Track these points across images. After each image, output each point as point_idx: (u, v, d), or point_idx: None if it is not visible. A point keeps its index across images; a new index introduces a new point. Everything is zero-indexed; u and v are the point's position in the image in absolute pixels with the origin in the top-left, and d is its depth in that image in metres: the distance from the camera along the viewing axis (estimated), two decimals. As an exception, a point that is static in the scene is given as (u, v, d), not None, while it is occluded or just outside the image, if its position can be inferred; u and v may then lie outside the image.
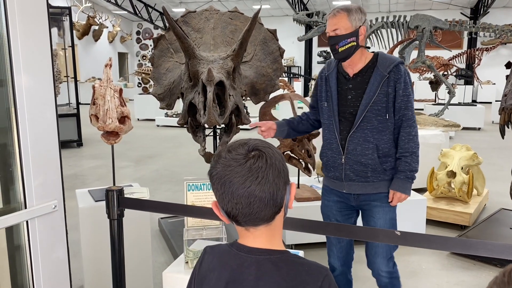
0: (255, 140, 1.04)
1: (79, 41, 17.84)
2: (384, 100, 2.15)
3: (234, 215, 1.01)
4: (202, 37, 3.94)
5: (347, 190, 2.29)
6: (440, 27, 9.05)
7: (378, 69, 2.16)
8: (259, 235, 1.03)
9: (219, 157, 1.03)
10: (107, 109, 2.64)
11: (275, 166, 0.99)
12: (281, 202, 1.01)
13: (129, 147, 8.52)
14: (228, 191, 0.98)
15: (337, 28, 2.16)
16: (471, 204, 4.26)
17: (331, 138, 2.28)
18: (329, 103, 2.29)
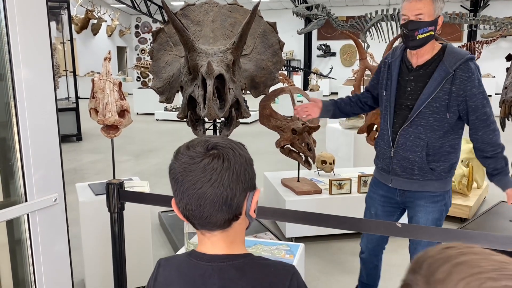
0: (218, 138, 0.96)
1: (77, 35, 17.75)
2: (445, 98, 2.04)
3: (186, 216, 0.96)
4: (201, 30, 3.93)
5: (393, 184, 2.24)
6: (440, 19, 9.01)
7: (444, 64, 2.04)
8: (216, 241, 0.97)
9: (178, 152, 0.96)
10: (106, 102, 2.63)
11: (233, 169, 0.91)
12: (238, 209, 0.94)
13: (129, 141, 8.51)
14: (179, 190, 0.93)
15: (421, 13, 2.00)
16: (471, 197, 4.27)
17: (384, 128, 2.23)
18: (387, 92, 2.22)
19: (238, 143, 0.99)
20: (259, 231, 3.62)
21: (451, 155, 2.18)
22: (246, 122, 9.81)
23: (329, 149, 5.56)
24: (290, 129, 3.76)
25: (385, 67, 2.26)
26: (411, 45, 2.06)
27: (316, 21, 9.55)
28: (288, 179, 4.09)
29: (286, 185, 3.97)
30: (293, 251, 1.92)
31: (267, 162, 6.06)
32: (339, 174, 4.31)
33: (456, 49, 2.11)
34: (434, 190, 2.19)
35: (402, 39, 2.12)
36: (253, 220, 1.03)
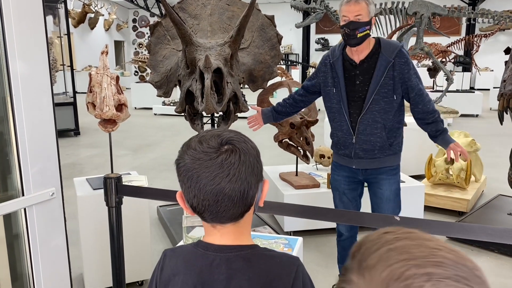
0: (230, 132, 0.96)
1: (74, 29, 17.66)
2: (390, 83, 2.35)
3: (199, 211, 0.94)
4: (199, 23, 3.90)
5: (356, 166, 2.52)
6: (439, 13, 8.99)
7: (383, 55, 2.34)
8: (226, 232, 0.97)
9: (188, 147, 0.95)
10: (104, 96, 2.62)
11: (248, 163, 0.92)
12: (252, 201, 0.95)
13: (127, 135, 8.49)
14: (195, 186, 0.91)
15: (360, 14, 2.29)
16: (469, 190, 4.27)
17: (341, 120, 2.48)
18: (337, 88, 2.46)
19: (244, 136, 0.99)
20: (258, 225, 3.63)
21: (400, 130, 2.53)
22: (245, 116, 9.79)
23: (328, 143, 5.55)
24: (288, 123, 3.75)
25: (327, 67, 2.53)
26: (353, 43, 2.34)
27: (314, 14, 9.49)
28: (286, 173, 4.09)
29: (285, 179, 3.96)
30: (292, 245, 1.92)
31: (265, 156, 6.06)
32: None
33: (388, 40, 2.44)
34: (391, 164, 2.54)
35: (344, 38, 2.38)
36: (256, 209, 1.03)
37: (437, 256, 0.55)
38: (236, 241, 0.97)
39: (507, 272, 3.17)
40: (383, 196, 2.57)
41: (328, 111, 2.59)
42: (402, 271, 0.53)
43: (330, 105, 2.54)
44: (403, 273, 0.53)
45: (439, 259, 0.55)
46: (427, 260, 0.55)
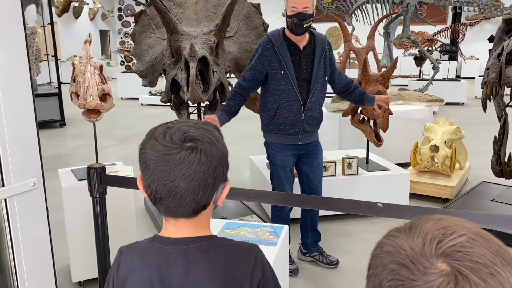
0: (197, 129, 0.93)
1: (58, 18, 17.34)
2: (323, 66, 2.83)
3: (153, 201, 0.94)
4: (184, 12, 3.86)
5: (301, 141, 2.85)
6: (425, 1, 9.02)
7: (319, 43, 2.81)
8: (181, 226, 0.96)
9: (152, 136, 0.93)
10: (87, 86, 2.58)
11: (208, 165, 0.90)
12: (207, 201, 0.94)
13: (113, 126, 8.41)
14: (149, 177, 0.91)
15: (307, 7, 2.65)
16: (453, 177, 4.33)
17: (291, 101, 2.77)
18: (285, 71, 2.74)
19: (216, 133, 0.97)
20: (245, 214, 3.63)
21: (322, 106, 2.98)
22: (232, 106, 9.75)
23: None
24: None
25: (270, 51, 2.76)
26: (299, 32, 2.70)
27: (301, 3, 9.45)
28: (273, 162, 4.09)
29: (272, 168, 3.97)
30: (277, 233, 1.93)
31: (253, 145, 6.04)
32: (324, 157, 4.31)
33: (317, 31, 2.91)
34: (318, 136, 3.00)
35: (291, 26, 2.70)
36: (217, 206, 1.02)
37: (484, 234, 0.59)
38: (192, 233, 0.96)
39: (490, 257, 3.23)
40: (319, 164, 3.00)
41: (271, 93, 2.81)
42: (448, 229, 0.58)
43: (277, 87, 2.77)
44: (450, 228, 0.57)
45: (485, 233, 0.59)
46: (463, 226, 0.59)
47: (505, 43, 3.15)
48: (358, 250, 3.34)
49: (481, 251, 0.54)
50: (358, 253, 3.30)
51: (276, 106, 2.79)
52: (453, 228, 0.57)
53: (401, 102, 5.58)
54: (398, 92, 5.82)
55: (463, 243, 0.55)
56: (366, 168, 4.01)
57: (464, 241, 0.55)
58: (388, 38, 9.81)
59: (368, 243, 2.77)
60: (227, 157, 0.97)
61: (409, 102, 5.62)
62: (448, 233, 0.56)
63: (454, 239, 0.55)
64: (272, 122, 2.83)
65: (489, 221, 1.33)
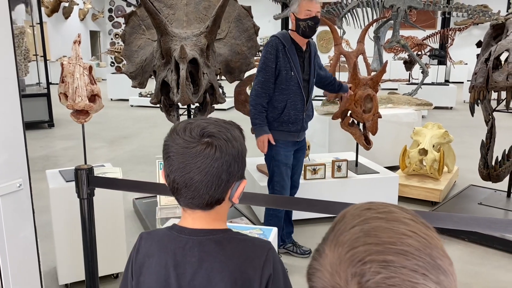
0: (216, 126, 0.98)
1: (48, 18, 17.21)
2: (314, 68, 3.04)
3: (172, 191, 0.99)
4: (174, 13, 3.85)
5: (299, 138, 3.08)
6: (415, 6, 9.10)
7: (312, 47, 3.05)
8: (198, 217, 1.01)
9: (174, 130, 0.99)
10: (76, 87, 2.56)
11: (223, 161, 0.95)
12: (221, 196, 0.98)
13: (103, 127, 8.35)
14: (168, 167, 0.97)
15: (319, 11, 2.85)
16: (441, 181, 4.37)
17: (297, 100, 2.94)
18: (294, 72, 2.90)
19: (236, 132, 1.01)
20: (235, 217, 3.62)
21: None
22: (223, 108, 9.74)
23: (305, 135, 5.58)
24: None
25: (282, 53, 2.89)
26: (311, 34, 2.89)
27: (292, 6, 9.49)
28: (263, 164, 4.08)
29: (261, 170, 3.97)
30: (266, 235, 1.92)
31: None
32: (314, 160, 4.33)
33: None
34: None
35: (304, 29, 2.84)
36: (235, 204, 1.07)
37: (403, 244, 0.56)
38: (208, 226, 1.01)
39: (476, 260, 3.27)
40: (303, 160, 3.27)
41: (279, 93, 2.93)
42: (363, 256, 0.55)
43: (287, 87, 2.92)
44: (363, 258, 0.54)
45: (404, 247, 0.56)
46: (391, 246, 0.56)
47: (492, 48, 3.19)
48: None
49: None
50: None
51: (283, 105, 2.93)
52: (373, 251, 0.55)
53: (391, 106, 5.63)
54: (388, 95, 5.86)
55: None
56: (355, 171, 4.03)
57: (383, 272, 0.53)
58: (378, 42, 9.88)
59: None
60: (244, 155, 1.01)
61: (398, 106, 5.66)
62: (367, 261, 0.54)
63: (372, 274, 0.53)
64: (277, 120, 2.95)
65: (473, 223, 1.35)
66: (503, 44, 3.19)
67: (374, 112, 3.65)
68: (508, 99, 3.13)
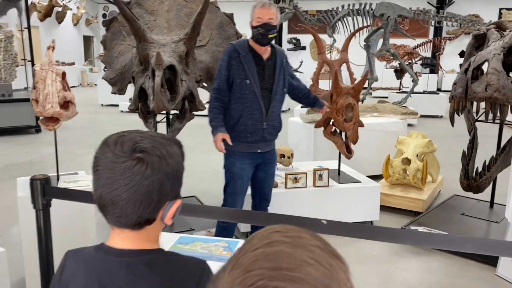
0: (151, 141, 0.92)
1: (41, 23, 17.15)
2: (282, 78, 2.94)
3: (98, 207, 0.94)
4: (156, 19, 3.82)
5: (261, 150, 2.94)
6: (405, 15, 9.14)
7: (279, 55, 2.94)
8: (126, 237, 0.95)
9: (105, 142, 0.93)
10: (47, 93, 2.52)
11: (154, 179, 0.89)
12: (151, 216, 0.92)
13: (91, 133, 8.29)
14: (96, 182, 0.92)
15: (273, 18, 2.76)
16: (425, 190, 4.34)
17: (254, 109, 2.85)
18: (250, 80, 2.81)
19: (173, 149, 0.95)
20: (212, 227, 3.57)
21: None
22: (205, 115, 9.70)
23: (291, 143, 5.54)
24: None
25: (236, 61, 2.85)
26: (265, 42, 2.81)
27: (283, 14, 9.48)
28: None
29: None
30: (231, 248, 1.88)
31: None
32: (297, 168, 4.30)
33: (277, 46, 3.04)
34: (274, 146, 3.10)
35: (257, 37, 2.79)
36: (169, 225, 1.01)
37: (301, 271, 0.54)
38: (138, 246, 0.95)
39: (457, 271, 3.23)
40: (273, 172, 3.13)
41: (235, 101, 2.87)
42: (255, 280, 0.52)
43: (242, 96, 2.84)
44: (255, 282, 0.52)
45: (301, 274, 0.53)
46: (287, 273, 0.53)
47: (472, 58, 3.18)
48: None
49: None
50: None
51: (239, 114, 2.85)
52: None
53: (376, 115, 5.61)
54: (374, 104, 5.85)
55: None
56: (337, 180, 4.00)
57: None
58: (369, 50, 9.89)
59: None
60: (179, 174, 0.96)
61: (383, 115, 5.65)
62: None
63: None
64: (234, 129, 2.87)
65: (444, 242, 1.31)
66: (482, 54, 3.18)
67: (355, 121, 3.62)
68: (487, 110, 3.11)
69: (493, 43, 3.44)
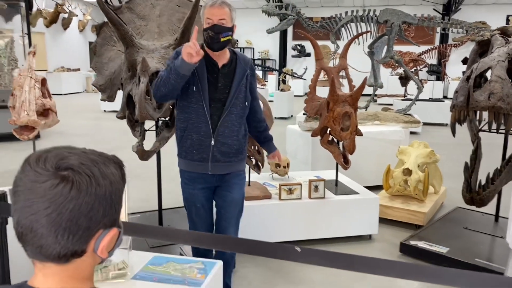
0: (81, 158, 0.80)
1: (47, 29, 17.21)
2: (244, 90, 2.49)
3: (16, 236, 0.80)
4: (147, 24, 3.71)
5: (212, 171, 2.46)
6: (409, 22, 9.00)
7: (241, 64, 2.49)
8: (50, 274, 0.81)
9: (27, 159, 0.80)
10: (23, 100, 2.41)
11: (82, 203, 0.76)
12: (78, 248, 0.79)
13: (91, 140, 8.23)
14: (13, 206, 0.78)
15: (224, 19, 2.31)
16: (426, 202, 4.16)
17: (200, 121, 2.41)
18: (197, 88, 2.38)
19: (109, 169, 0.82)
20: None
21: (246, 137, 2.61)
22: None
23: (289, 151, 5.40)
24: (239, 131, 3.57)
25: None
26: (216, 47, 2.35)
27: (285, 20, 9.37)
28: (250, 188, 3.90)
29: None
30: (207, 270, 1.73)
31: None
32: (293, 178, 4.15)
33: (241, 53, 2.61)
34: (241, 168, 2.60)
35: (207, 41, 2.35)
36: (104, 259, 0.87)
37: None
38: (64, 284, 0.81)
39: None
40: (233, 200, 2.57)
41: (180, 110, 2.48)
42: None
43: (187, 104, 2.42)
44: None
45: None
46: None
47: (474, 66, 3.03)
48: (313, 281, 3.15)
49: None
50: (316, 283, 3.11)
51: (185, 126, 2.45)
52: None
53: (377, 123, 5.45)
54: (375, 112, 5.69)
55: None
56: (334, 191, 3.84)
57: None
58: (373, 57, 9.73)
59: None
60: (116, 198, 0.82)
61: (385, 123, 5.48)
62: None
63: None
64: (181, 143, 2.49)
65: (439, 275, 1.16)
66: (485, 61, 3.03)
67: (352, 130, 3.47)
68: (490, 120, 2.95)
69: (497, 50, 3.28)
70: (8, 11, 12.06)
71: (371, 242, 3.77)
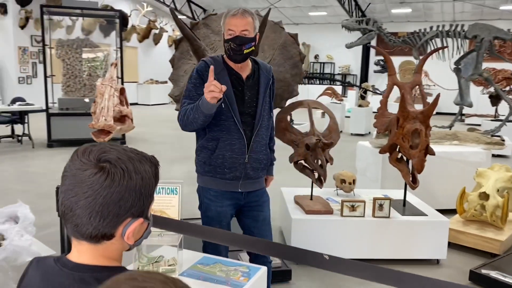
0: (119, 153, 0.92)
1: (139, 44, 18.57)
2: (269, 101, 2.40)
3: (60, 214, 0.93)
4: (220, 40, 3.89)
5: (242, 188, 2.34)
6: (502, 37, 8.43)
7: (263, 73, 2.38)
8: (84, 250, 0.93)
9: (76, 151, 0.94)
10: (102, 107, 2.66)
11: (114, 192, 0.88)
12: (108, 232, 0.91)
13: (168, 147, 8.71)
14: (61, 188, 0.92)
15: (247, 29, 2.19)
16: (505, 230, 3.84)
17: (233, 139, 2.28)
18: (226, 104, 2.23)
19: (143, 166, 0.94)
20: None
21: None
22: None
23: (359, 168, 5.29)
24: (304, 144, 3.60)
25: (207, 79, 2.16)
26: (239, 59, 2.24)
27: (366, 35, 9.24)
28: (301, 196, 3.92)
29: (298, 202, 3.80)
30: (250, 274, 1.78)
31: (284, 177, 5.61)
32: (359, 195, 4.07)
33: (261, 61, 2.48)
34: (266, 184, 2.52)
35: (228, 53, 2.24)
36: (132, 246, 0.99)
37: None
38: (94, 261, 0.93)
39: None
40: (265, 219, 2.46)
41: (209, 129, 2.29)
42: None
43: (216, 122, 2.25)
44: None
45: None
46: None
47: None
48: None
49: None
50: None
51: (215, 144, 2.28)
52: None
53: (456, 143, 5.15)
54: (454, 131, 5.38)
55: None
56: (402, 211, 3.70)
57: None
58: (460, 74, 9.21)
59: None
60: (145, 192, 0.93)
61: (465, 143, 5.16)
62: None
63: None
64: (209, 163, 2.31)
65: None
66: None
67: (421, 148, 3.34)
68: None
69: None
70: (107, 27, 13.28)
71: (438, 267, 3.57)
